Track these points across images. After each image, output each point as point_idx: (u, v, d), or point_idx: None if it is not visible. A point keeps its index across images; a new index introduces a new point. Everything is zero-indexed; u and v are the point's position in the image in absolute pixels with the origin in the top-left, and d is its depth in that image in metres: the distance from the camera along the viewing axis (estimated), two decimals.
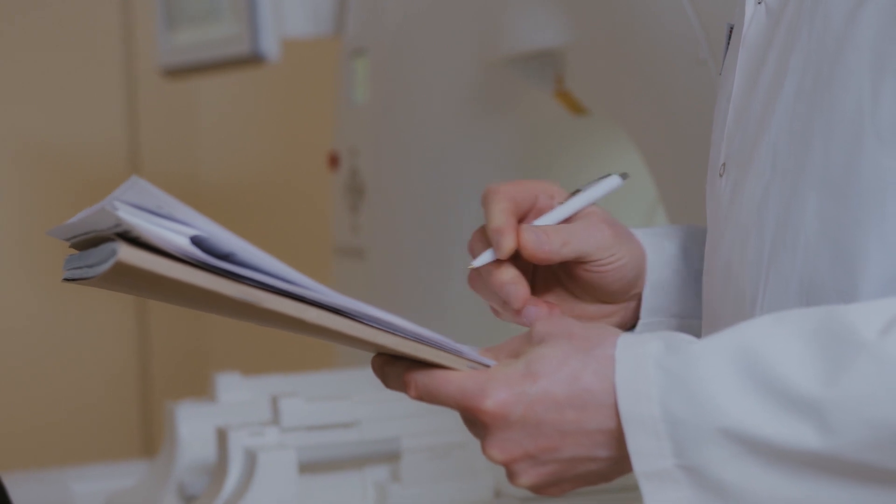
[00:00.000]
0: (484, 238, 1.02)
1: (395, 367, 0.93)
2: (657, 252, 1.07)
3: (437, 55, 1.98)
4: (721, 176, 0.99)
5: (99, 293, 3.22)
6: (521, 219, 1.03)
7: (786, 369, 0.84)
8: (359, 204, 2.20)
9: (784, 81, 0.93)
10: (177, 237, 0.81)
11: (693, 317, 1.08)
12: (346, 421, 1.56)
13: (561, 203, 1.03)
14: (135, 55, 3.26)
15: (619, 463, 0.89)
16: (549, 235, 1.00)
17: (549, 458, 0.89)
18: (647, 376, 0.86)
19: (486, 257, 1.01)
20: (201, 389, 3.19)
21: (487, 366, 0.91)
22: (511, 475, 0.91)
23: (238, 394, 1.69)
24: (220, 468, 1.52)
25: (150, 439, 3.32)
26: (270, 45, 2.26)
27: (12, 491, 1.38)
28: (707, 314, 1.01)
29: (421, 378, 0.91)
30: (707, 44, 1.40)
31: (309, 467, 1.53)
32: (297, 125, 3.26)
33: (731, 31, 1.03)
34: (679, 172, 1.50)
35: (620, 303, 1.06)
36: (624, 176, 1.05)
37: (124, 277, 0.82)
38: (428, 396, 0.91)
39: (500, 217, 1.00)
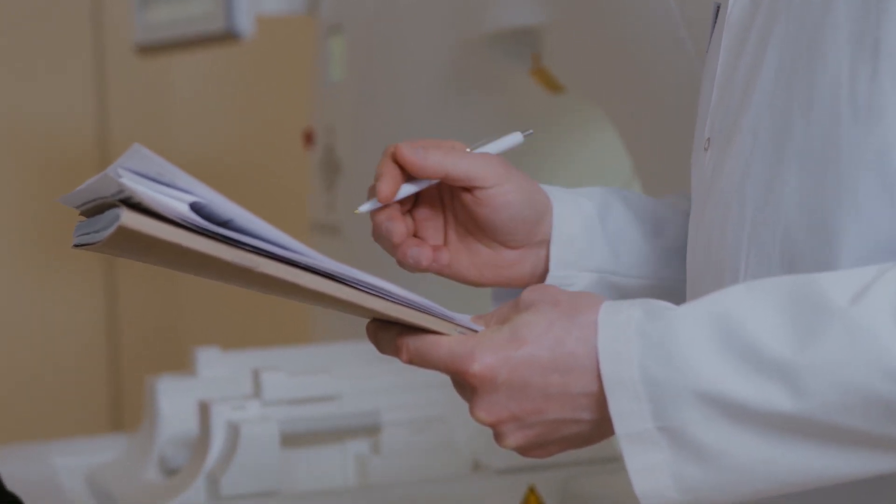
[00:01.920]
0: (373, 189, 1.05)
1: (387, 332, 0.95)
2: (570, 207, 1.08)
3: (413, 33, 1.99)
4: (706, 151, 1.01)
5: (66, 269, 3.23)
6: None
7: (759, 334, 0.87)
8: (334, 181, 2.22)
9: (765, 60, 0.95)
10: (177, 203, 0.83)
11: (611, 272, 1.10)
12: (327, 394, 1.57)
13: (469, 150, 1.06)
14: (104, 31, 3.26)
15: (601, 425, 0.92)
16: (428, 150, 1.02)
17: (535, 421, 0.92)
18: (628, 340, 0.89)
19: (369, 205, 1.04)
20: (171, 364, 3.20)
21: (476, 331, 0.93)
22: (498, 436, 0.93)
23: (218, 368, 1.71)
24: (202, 441, 1.54)
25: (119, 414, 3.32)
26: (244, 22, 2.27)
27: None
28: (691, 286, 1.03)
29: (412, 342, 0.94)
30: (684, 22, 1.42)
31: (290, 440, 1.54)
32: (271, 103, 3.26)
33: (717, 11, 1.05)
34: (655, 149, 1.52)
35: (522, 248, 1.07)
36: (527, 134, 1.07)
37: (127, 242, 0.84)
38: (419, 360, 0.94)
39: (382, 165, 1.03)
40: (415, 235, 1.06)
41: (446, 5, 1.91)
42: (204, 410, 1.54)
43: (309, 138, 2.29)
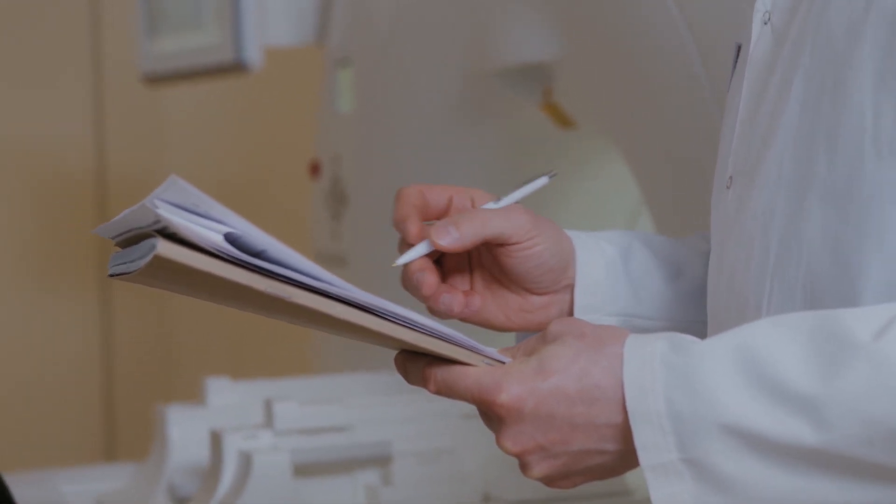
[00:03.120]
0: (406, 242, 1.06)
1: (415, 363, 0.96)
2: (593, 253, 1.10)
3: (422, 65, 2.00)
4: (728, 188, 1.02)
5: (60, 292, 3.22)
6: (438, 215, 1.07)
7: (783, 367, 0.88)
8: (341, 211, 2.23)
9: (789, 98, 0.97)
10: (212, 234, 0.85)
11: (634, 315, 1.12)
12: (338, 425, 1.58)
13: (495, 203, 1.07)
14: (103, 53, 3.26)
15: (626, 457, 0.93)
16: (457, 225, 1.03)
17: (560, 451, 0.93)
18: (653, 373, 0.90)
19: (405, 257, 1.05)
20: (165, 393, 3.19)
21: (503, 363, 0.95)
22: (523, 466, 0.94)
23: (228, 397, 1.71)
24: (213, 470, 1.54)
25: (113, 441, 3.32)
26: (254, 53, 2.28)
27: None
28: (712, 322, 1.04)
29: (440, 373, 0.95)
30: (700, 59, 1.43)
31: (301, 470, 1.55)
32: (276, 133, 3.27)
33: (738, 51, 1.07)
34: (668, 184, 1.53)
35: (548, 294, 1.09)
36: (551, 175, 1.09)
37: (163, 271, 0.86)
38: (446, 390, 0.95)
39: (402, 209, 1.05)
40: (442, 282, 1.08)
41: (456, 38, 1.92)
42: (216, 440, 1.54)
43: (316, 169, 2.30)
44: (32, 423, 3.22)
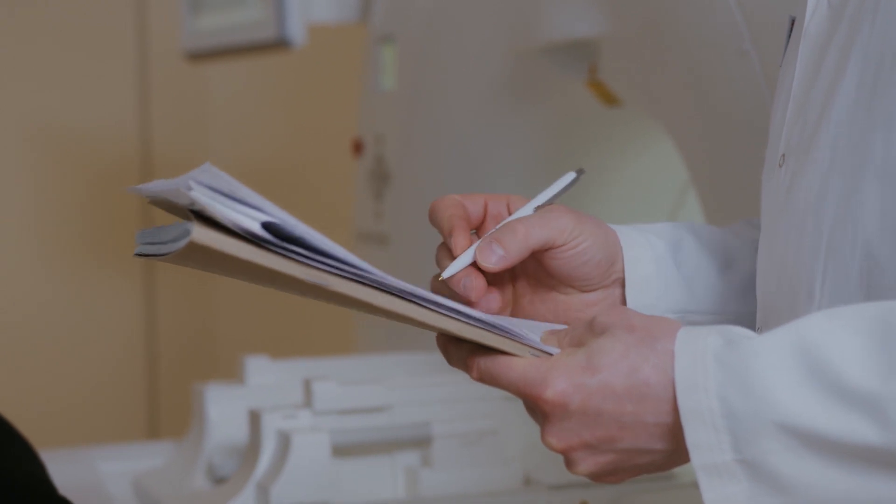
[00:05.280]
0: (448, 251, 1.02)
1: (459, 349, 0.94)
2: (642, 248, 1.07)
3: (466, 43, 1.98)
4: (780, 167, 0.99)
5: (106, 275, 3.23)
6: (476, 224, 1.04)
7: (843, 364, 0.84)
8: (383, 191, 2.21)
9: (845, 73, 0.94)
10: (250, 221, 0.83)
11: (688, 311, 1.09)
12: (378, 405, 1.56)
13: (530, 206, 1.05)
14: (148, 37, 3.26)
15: (675, 455, 0.90)
16: (501, 241, 1.00)
17: (607, 448, 0.90)
18: (706, 370, 0.87)
19: (452, 269, 1.01)
20: (208, 371, 3.19)
21: (550, 354, 0.92)
22: (568, 463, 0.92)
23: (266, 377, 1.70)
24: (252, 450, 1.53)
25: (156, 420, 3.32)
26: (296, 30, 2.27)
27: None
28: (762, 308, 1.01)
29: (484, 362, 0.93)
30: (750, 35, 1.40)
31: (339, 451, 1.53)
32: (317, 110, 3.26)
33: (792, 24, 1.04)
34: (716, 164, 1.50)
35: (598, 289, 1.06)
36: (580, 172, 1.06)
37: (197, 254, 0.84)
38: (490, 380, 0.93)
39: (447, 222, 1.01)
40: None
41: (500, 15, 1.89)
42: (255, 419, 1.53)
43: (358, 147, 2.28)
44: (78, 401, 3.23)
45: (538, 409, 0.91)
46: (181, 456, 1.68)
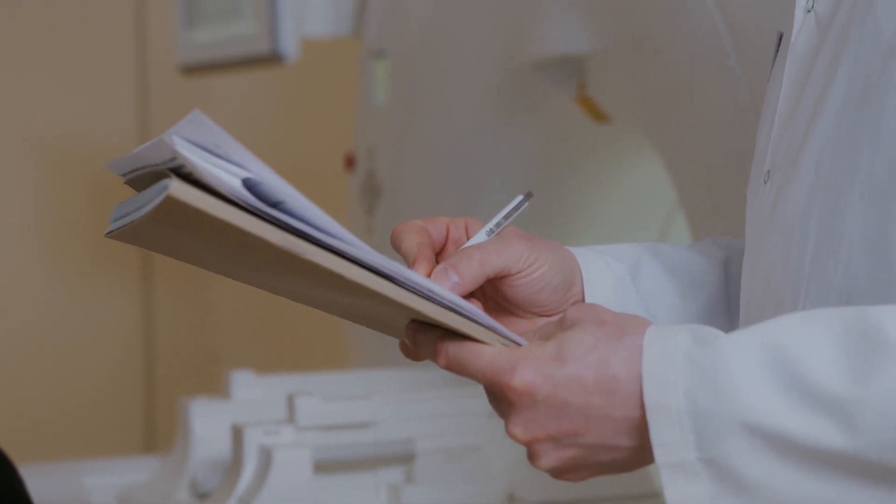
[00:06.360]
0: None
1: (427, 335, 0.93)
2: (600, 271, 1.06)
3: (459, 58, 1.98)
4: (765, 183, 0.99)
5: (109, 286, 3.23)
6: (439, 249, 1.03)
7: (813, 366, 0.83)
8: (374, 205, 2.20)
9: (831, 89, 0.93)
10: (229, 178, 0.80)
11: None
12: (361, 421, 1.55)
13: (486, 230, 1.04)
14: (148, 47, 3.26)
15: (639, 453, 0.89)
16: (456, 268, 0.99)
17: (572, 442, 0.89)
18: (675, 367, 0.86)
19: None
20: (205, 385, 3.19)
21: (519, 344, 0.91)
22: (532, 456, 0.90)
23: (252, 391, 1.69)
24: (234, 465, 1.52)
25: (153, 434, 3.32)
26: (289, 44, 2.27)
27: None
28: (745, 319, 1.01)
29: (453, 348, 0.91)
30: (736, 53, 1.40)
31: (323, 467, 1.52)
32: (311, 124, 3.26)
33: (780, 40, 1.03)
34: (702, 180, 1.50)
35: (557, 313, 1.04)
36: (527, 195, 1.06)
37: (169, 218, 0.81)
38: (457, 367, 0.91)
39: (412, 249, 1.00)
40: None
41: (492, 31, 1.89)
42: (237, 434, 1.52)
43: (350, 162, 2.28)
44: (73, 414, 3.22)
45: (504, 398, 0.89)
46: (166, 470, 1.68)
